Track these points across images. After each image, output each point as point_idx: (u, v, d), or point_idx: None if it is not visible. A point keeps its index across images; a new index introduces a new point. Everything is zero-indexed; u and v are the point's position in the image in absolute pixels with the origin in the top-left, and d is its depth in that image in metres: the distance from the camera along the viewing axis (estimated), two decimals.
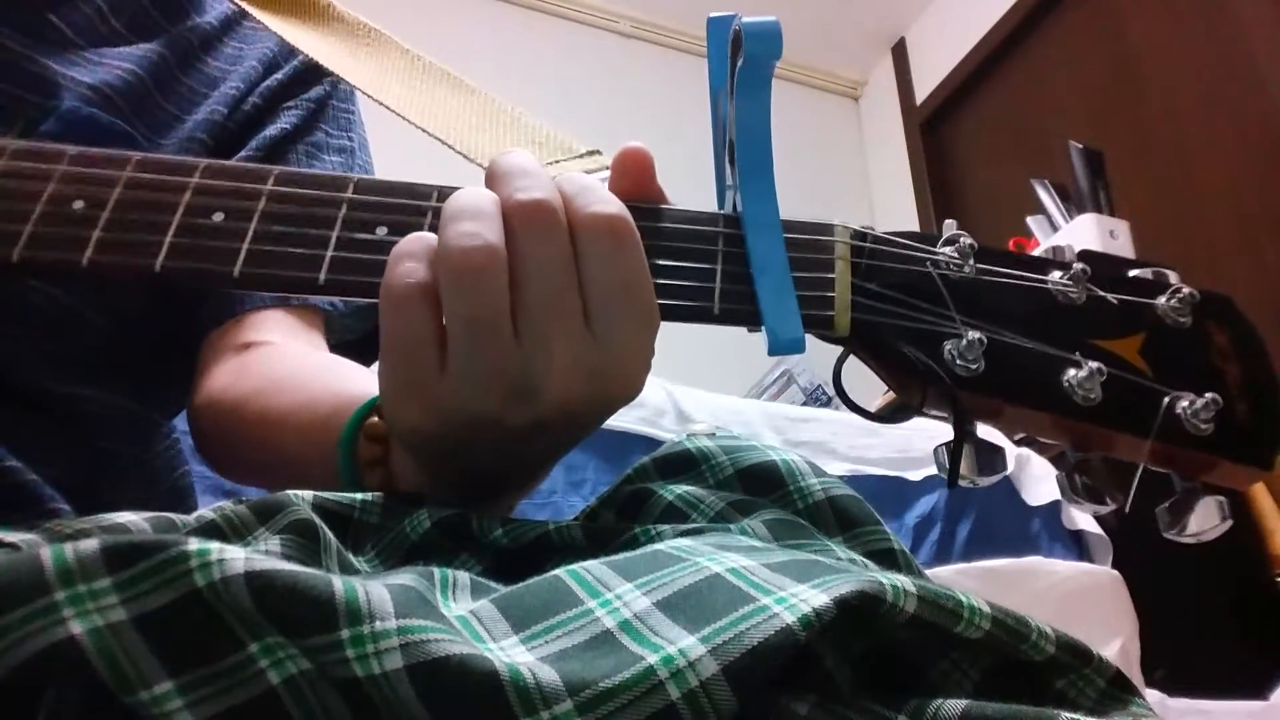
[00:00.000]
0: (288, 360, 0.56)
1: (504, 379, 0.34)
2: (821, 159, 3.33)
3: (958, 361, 0.37)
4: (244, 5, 0.60)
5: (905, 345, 0.38)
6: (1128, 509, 0.39)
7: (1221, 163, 2.32)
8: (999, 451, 0.39)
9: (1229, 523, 0.38)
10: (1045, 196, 2.25)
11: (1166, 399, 0.38)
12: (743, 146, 0.39)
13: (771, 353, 0.37)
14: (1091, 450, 0.39)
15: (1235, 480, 0.39)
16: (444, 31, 2.80)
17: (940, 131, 3.31)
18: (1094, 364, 0.37)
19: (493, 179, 0.36)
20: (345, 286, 0.38)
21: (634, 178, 0.40)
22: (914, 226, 3.17)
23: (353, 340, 0.64)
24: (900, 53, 3.50)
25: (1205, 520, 0.38)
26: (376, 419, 0.44)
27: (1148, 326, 0.39)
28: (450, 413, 0.35)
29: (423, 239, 0.35)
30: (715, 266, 0.39)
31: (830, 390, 2.40)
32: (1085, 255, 0.41)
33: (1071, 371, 0.38)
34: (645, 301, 0.36)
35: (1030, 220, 2.28)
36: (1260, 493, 1.82)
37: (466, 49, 2.86)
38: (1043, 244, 2.16)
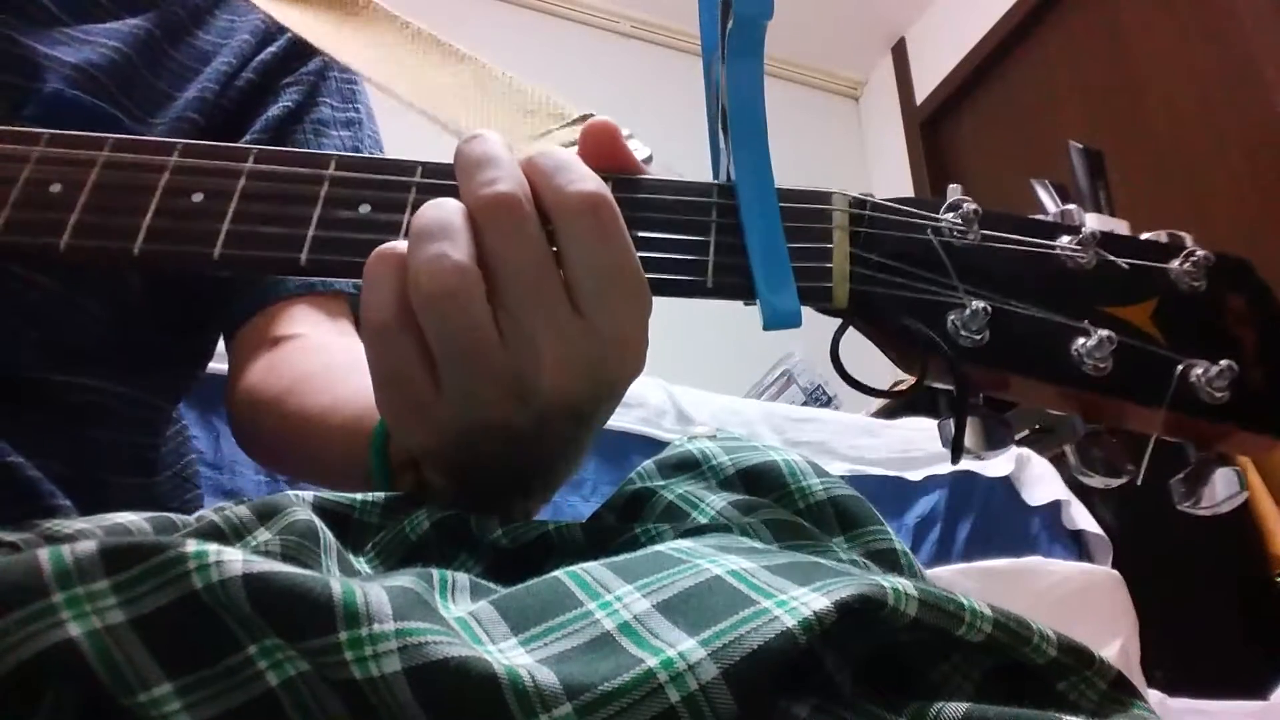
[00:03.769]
0: (319, 355, 0.55)
1: (498, 384, 0.34)
2: (821, 159, 3.33)
3: (961, 332, 0.36)
4: None
5: (906, 317, 0.36)
6: (1140, 480, 0.37)
7: (1221, 163, 2.32)
8: (1006, 425, 0.37)
9: (1245, 494, 0.36)
10: (1045, 196, 2.24)
11: (1180, 366, 0.36)
12: (735, 113, 0.37)
13: (767, 327, 0.36)
14: (1102, 421, 0.37)
15: (1252, 449, 0.37)
16: (442, 30, 2.80)
17: (940, 131, 3.31)
18: (1104, 332, 0.35)
19: (457, 171, 0.35)
20: (327, 266, 0.36)
21: (603, 149, 0.38)
22: None
23: None
24: (900, 53, 3.50)
25: (1222, 491, 0.36)
26: None
27: (1160, 291, 0.37)
28: (453, 427, 0.35)
29: (389, 259, 0.34)
30: (709, 239, 0.37)
31: (830, 391, 2.39)
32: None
33: (1081, 340, 0.36)
34: (632, 278, 0.34)
35: None
36: (1260, 493, 1.82)
37: (465, 48, 2.86)
38: None
